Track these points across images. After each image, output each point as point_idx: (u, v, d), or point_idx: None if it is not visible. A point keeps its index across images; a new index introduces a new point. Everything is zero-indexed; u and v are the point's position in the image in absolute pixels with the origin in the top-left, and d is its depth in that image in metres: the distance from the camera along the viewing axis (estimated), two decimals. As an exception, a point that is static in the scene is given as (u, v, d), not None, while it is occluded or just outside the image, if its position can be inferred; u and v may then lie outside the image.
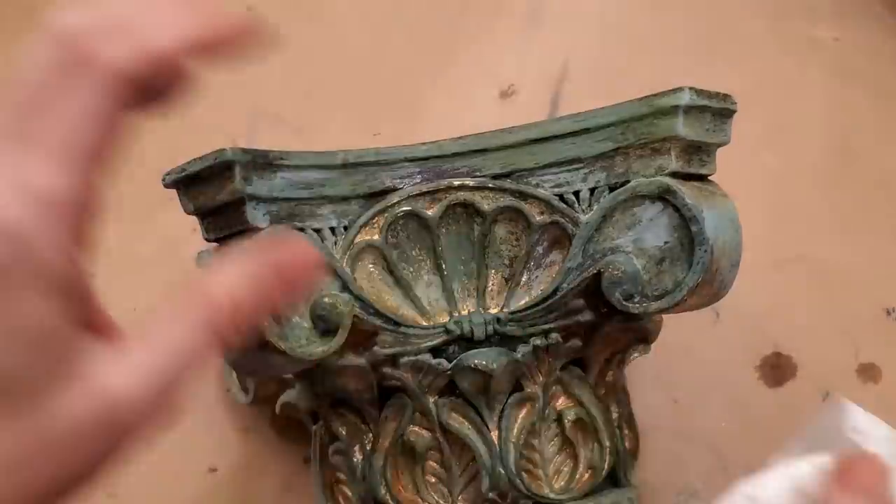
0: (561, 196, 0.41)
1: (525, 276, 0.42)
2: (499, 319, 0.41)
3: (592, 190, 0.41)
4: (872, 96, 0.66)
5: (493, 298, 0.42)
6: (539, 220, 0.41)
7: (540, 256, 0.42)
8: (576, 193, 0.41)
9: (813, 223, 0.62)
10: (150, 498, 0.56)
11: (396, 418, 0.41)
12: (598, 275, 0.40)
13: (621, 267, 0.39)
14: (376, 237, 0.41)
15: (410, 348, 0.40)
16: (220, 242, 0.39)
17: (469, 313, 0.41)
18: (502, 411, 0.41)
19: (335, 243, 0.40)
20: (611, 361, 0.45)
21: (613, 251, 0.40)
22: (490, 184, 0.41)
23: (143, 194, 0.50)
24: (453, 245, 0.42)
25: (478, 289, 0.42)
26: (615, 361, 0.45)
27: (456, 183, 0.41)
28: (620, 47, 0.60)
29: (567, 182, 0.41)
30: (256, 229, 0.37)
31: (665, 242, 0.39)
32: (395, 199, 0.41)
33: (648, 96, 0.39)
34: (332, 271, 0.39)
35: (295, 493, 0.56)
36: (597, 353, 0.43)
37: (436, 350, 0.41)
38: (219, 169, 0.37)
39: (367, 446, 0.42)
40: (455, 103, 0.59)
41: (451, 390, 0.41)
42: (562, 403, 0.42)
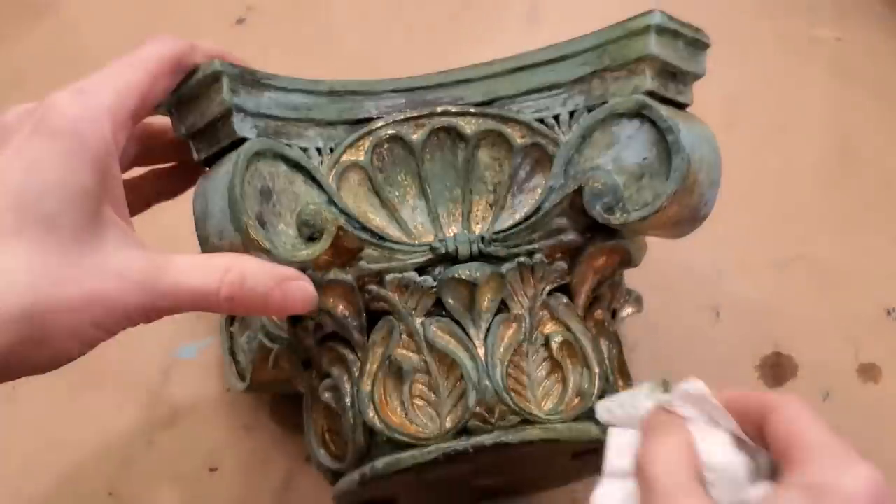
0: (542, 120, 0.42)
1: (509, 200, 0.43)
2: (483, 238, 0.42)
3: (572, 113, 0.42)
4: (873, 96, 0.67)
5: (477, 223, 0.43)
6: (521, 142, 0.42)
7: (523, 181, 0.43)
8: (556, 117, 0.42)
9: (813, 223, 0.62)
10: (150, 497, 0.56)
11: (384, 343, 0.42)
12: (580, 191, 0.40)
13: (602, 179, 0.40)
14: (361, 157, 0.42)
15: (396, 264, 0.41)
16: (209, 163, 0.40)
17: (454, 234, 0.42)
18: (488, 329, 0.41)
19: (321, 162, 0.41)
20: (599, 293, 0.45)
21: (594, 170, 0.40)
22: (472, 109, 0.43)
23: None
24: (438, 171, 0.43)
25: (463, 213, 0.43)
26: (605, 298, 0.45)
27: (439, 109, 0.43)
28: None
29: (547, 107, 0.42)
30: (244, 140, 0.38)
31: (644, 158, 0.40)
32: (379, 123, 0.42)
33: (623, 21, 0.41)
34: (318, 186, 0.40)
35: (296, 493, 0.55)
36: (582, 279, 0.43)
37: (421, 270, 0.41)
38: (208, 81, 0.39)
39: (356, 373, 0.42)
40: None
41: (438, 312, 0.42)
42: (549, 328, 0.42)
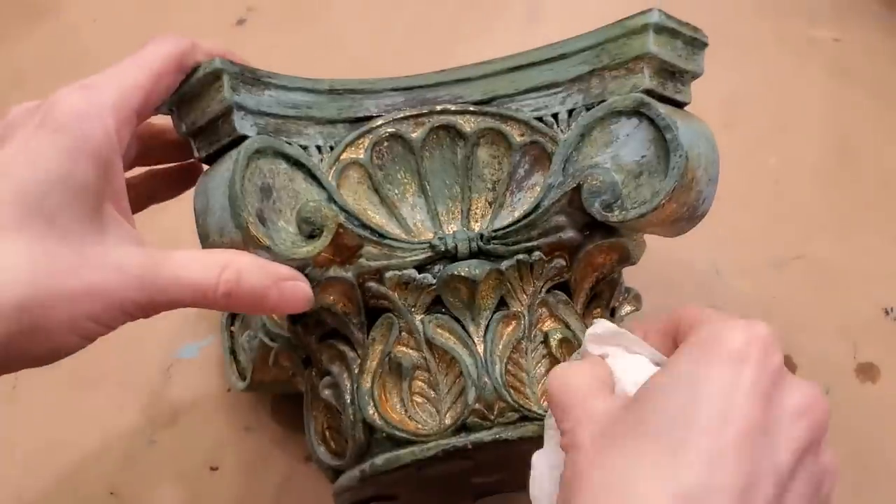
0: (541, 118, 0.42)
1: (508, 198, 0.43)
2: (482, 236, 0.42)
3: (570, 111, 0.42)
4: (871, 96, 0.67)
5: (477, 221, 0.43)
6: (519, 140, 0.42)
7: (522, 178, 0.43)
8: (555, 116, 0.42)
9: (811, 223, 0.63)
10: (151, 496, 0.56)
11: (383, 340, 0.42)
12: (579, 189, 0.40)
13: (600, 177, 0.40)
14: (361, 155, 0.42)
15: (396, 262, 0.41)
16: (210, 161, 0.40)
17: (454, 232, 0.42)
18: (487, 326, 0.41)
19: (321, 160, 0.41)
20: (597, 291, 0.45)
21: (593, 168, 0.41)
22: (472, 108, 0.43)
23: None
24: (437, 169, 0.43)
25: (462, 211, 0.43)
26: (604, 296, 0.45)
27: (439, 108, 0.43)
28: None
29: (546, 105, 0.42)
30: (244, 138, 0.38)
31: (642, 156, 0.40)
32: (379, 121, 0.42)
33: (621, 19, 0.41)
34: (318, 184, 0.40)
35: (296, 492, 0.55)
36: (581, 276, 0.43)
37: (421, 268, 0.41)
38: (208, 79, 0.39)
39: (356, 371, 0.42)
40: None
41: (438, 309, 0.42)
42: (548, 326, 0.42)
